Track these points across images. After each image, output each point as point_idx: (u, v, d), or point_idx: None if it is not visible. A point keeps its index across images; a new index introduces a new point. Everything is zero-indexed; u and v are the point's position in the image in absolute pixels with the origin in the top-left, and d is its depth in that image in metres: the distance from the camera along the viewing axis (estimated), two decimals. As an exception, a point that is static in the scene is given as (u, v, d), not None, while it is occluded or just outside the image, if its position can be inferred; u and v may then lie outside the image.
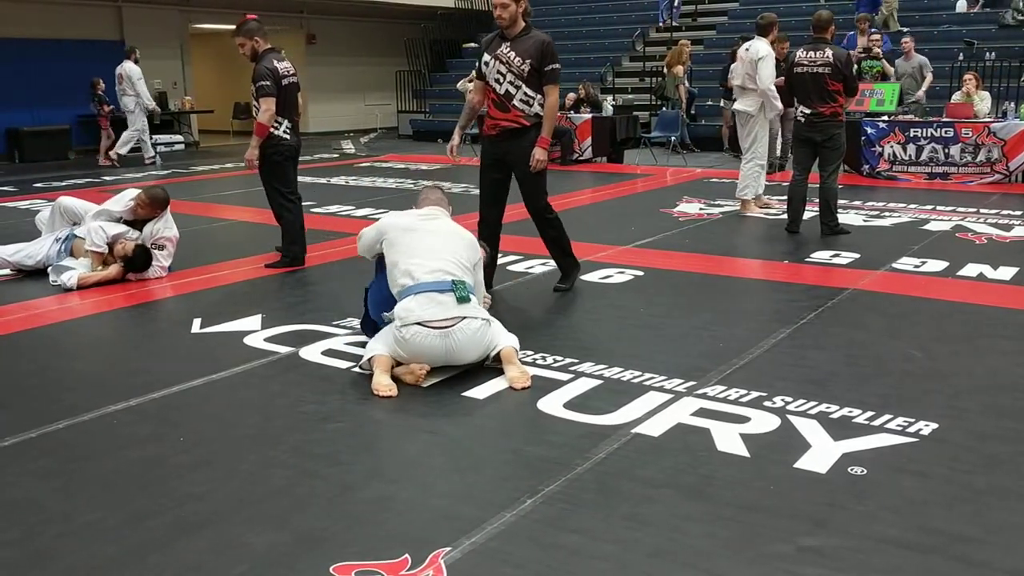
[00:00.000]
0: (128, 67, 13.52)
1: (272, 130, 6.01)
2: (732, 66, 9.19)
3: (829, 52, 6.78)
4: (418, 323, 3.80)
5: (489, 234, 5.28)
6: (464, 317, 3.85)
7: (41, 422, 3.48)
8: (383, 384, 3.75)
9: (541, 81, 4.98)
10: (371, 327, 4.23)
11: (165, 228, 5.99)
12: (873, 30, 12.61)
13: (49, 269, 5.85)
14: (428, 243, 4.04)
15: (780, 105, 7.76)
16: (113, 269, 5.77)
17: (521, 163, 5.08)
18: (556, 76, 5.01)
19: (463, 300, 3.90)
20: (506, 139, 5.08)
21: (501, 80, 5.00)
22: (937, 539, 2.55)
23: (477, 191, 5.40)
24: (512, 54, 4.95)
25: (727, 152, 11.70)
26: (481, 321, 3.92)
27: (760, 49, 7.76)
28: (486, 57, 5.06)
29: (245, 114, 17.95)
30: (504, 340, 3.96)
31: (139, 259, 5.79)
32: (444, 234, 4.14)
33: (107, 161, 13.58)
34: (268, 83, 5.93)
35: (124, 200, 5.99)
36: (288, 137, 6.14)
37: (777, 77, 7.71)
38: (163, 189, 6.13)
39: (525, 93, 4.98)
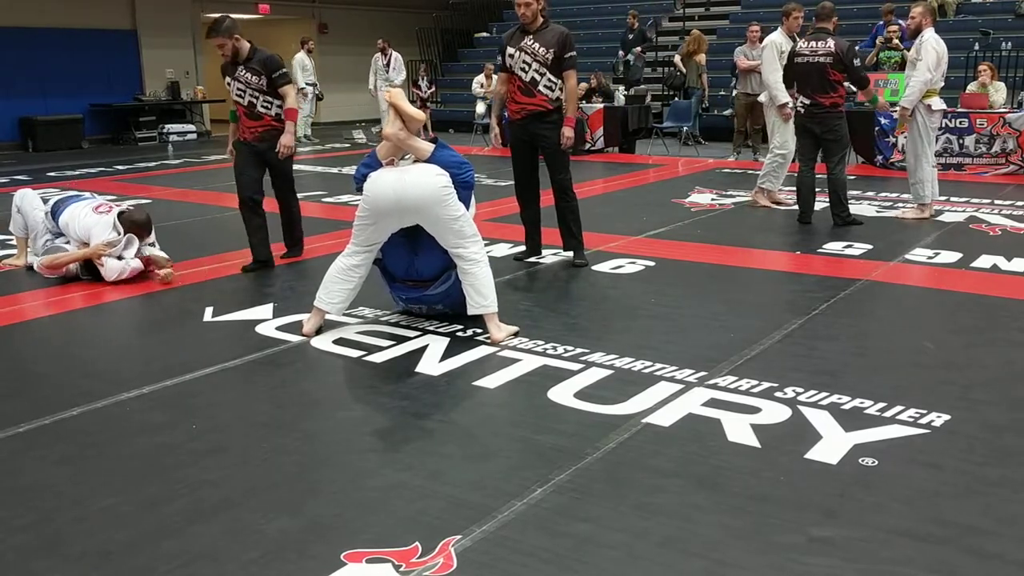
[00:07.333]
0: (299, 56, 15.06)
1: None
2: None
3: (831, 42, 6.83)
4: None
5: (530, 218, 5.85)
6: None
7: (56, 409, 3.51)
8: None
9: (561, 68, 5.47)
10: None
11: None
12: (899, 21, 12.48)
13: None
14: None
15: (780, 96, 7.71)
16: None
17: (548, 141, 5.55)
18: (574, 63, 5.55)
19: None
20: (532, 121, 5.57)
21: (527, 69, 5.49)
22: (949, 531, 2.54)
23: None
24: (536, 45, 5.46)
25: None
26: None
27: (767, 39, 8.02)
28: (510, 50, 5.54)
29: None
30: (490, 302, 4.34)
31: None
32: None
33: None
34: (287, 71, 5.93)
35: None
36: None
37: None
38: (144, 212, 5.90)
39: (549, 79, 5.50)
